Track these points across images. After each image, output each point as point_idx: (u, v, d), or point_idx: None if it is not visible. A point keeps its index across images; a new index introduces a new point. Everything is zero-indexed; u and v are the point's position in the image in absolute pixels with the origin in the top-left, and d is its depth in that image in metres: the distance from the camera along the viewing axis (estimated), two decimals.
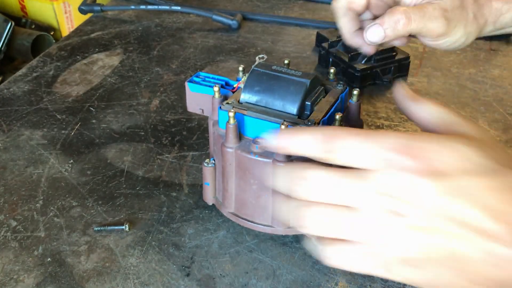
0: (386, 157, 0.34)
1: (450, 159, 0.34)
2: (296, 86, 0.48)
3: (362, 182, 0.35)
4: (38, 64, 0.87)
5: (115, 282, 0.50)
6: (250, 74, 0.50)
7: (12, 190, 0.61)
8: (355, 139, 0.36)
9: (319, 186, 0.36)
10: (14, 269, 0.51)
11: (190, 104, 0.57)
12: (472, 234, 0.33)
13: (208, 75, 0.57)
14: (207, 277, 0.51)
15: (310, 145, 0.37)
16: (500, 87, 0.82)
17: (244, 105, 0.50)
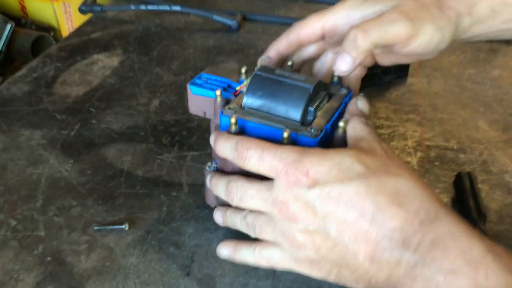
0: (280, 169, 0.41)
1: (327, 170, 0.40)
2: (299, 91, 0.47)
3: (264, 192, 0.43)
4: (38, 64, 0.87)
5: (115, 281, 0.50)
6: (252, 78, 0.49)
7: (12, 189, 0.61)
8: (257, 152, 0.43)
9: (236, 194, 0.45)
10: (14, 268, 0.51)
11: (192, 107, 0.56)
12: (350, 235, 0.40)
13: (211, 76, 0.56)
14: (207, 276, 0.51)
15: (227, 151, 0.45)
16: (500, 88, 0.82)
17: (246, 110, 0.49)
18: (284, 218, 0.42)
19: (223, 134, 0.47)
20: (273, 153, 0.42)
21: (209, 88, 0.54)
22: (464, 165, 0.66)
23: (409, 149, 0.68)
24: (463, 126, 0.73)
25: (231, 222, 0.49)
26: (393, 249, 0.38)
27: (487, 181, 0.63)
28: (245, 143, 0.44)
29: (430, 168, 0.65)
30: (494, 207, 0.60)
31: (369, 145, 0.43)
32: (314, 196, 0.40)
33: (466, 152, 0.68)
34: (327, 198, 0.40)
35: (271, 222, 0.44)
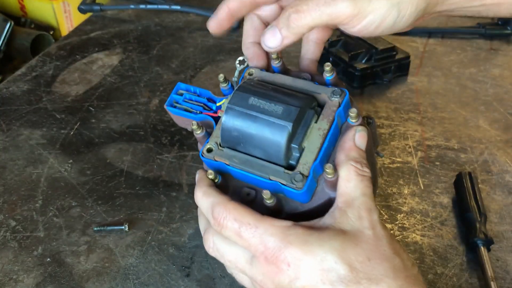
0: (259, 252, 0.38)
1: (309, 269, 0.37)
2: (277, 131, 0.41)
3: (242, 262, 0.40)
4: (37, 63, 0.87)
5: (114, 282, 0.50)
6: (225, 114, 0.43)
7: (12, 190, 0.61)
8: (233, 225, 0.39)
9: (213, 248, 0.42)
10: (13, 269, 0.51)
11: (178, 122, 0.52)
12: None
13: (189, 88, 0.51)
14: (207, 277, 0.51)
15: (204, 209, 0.42)
16: (500, 87, 0.82)
17: (225, 152, 0.44)
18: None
19: (203, 184, 0.43)
20: (252, 232, 0.39)
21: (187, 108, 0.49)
22: (464, 165, 0.65)
23: (409, 149, 0.68)
24: (463, 125, 0.73)
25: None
26: None
27: (488, 181, 0.63)
28: (222, 211, 0.40)
29: (431, 168, 0.65)
30: (494, 208, 0.59)
31: (358, 219, 0.39)
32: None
33: (466, 151, 0.68)
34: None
35: (251, 285, 0.42)
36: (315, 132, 0.43)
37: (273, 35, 0.45)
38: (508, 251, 0.55)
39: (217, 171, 0.44)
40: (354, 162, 0.41)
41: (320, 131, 0.43)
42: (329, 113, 0.44)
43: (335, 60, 0.83)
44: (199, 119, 0.48)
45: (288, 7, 0.44)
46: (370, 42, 0.82)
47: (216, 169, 0.44)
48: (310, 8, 0.43)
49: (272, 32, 0.45)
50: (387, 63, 0.81)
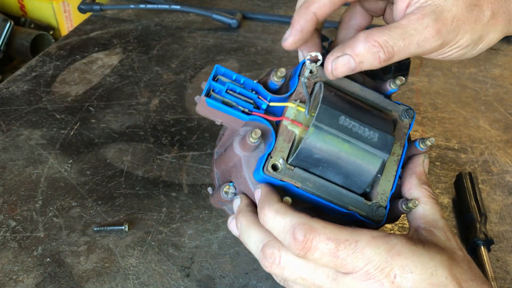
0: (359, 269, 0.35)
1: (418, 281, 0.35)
2: (371, 161, 0.38)
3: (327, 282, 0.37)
4: (37, 63, 0.87)
5: (114, 282, 0.50)
6: (313, 134, 0.38)
7: (12, 190, 0.61)
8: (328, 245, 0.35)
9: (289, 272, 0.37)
10: (13, 269, 0.51)
11: (202, 112, 0.42)
12: None
13: (231, 75, 0.42)
14: (207, 277, 0.51)
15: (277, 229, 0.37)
16: (500, 87, 0.82)
17: (296, 173, 0.39)
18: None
19: (273, 201, 0.38)
20: (352, 249, 0.35)
21: (233, 101, 0.41)
22: (465, 165, 0.65)
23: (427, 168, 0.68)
24: (464, 126, 0.73)
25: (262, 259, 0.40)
26: None
27: (488, 181, 0.63)
28: (309, 231, 0.35)
29: (431, 168, 0.65)
30: (494, 208, 0.59)
31: (447, 240, 0.38)
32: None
33: (467, 152, 0.68)
34: None
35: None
36: (390, 157, 0.40)
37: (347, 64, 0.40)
38: (508, 251, 0.55)
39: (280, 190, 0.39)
40: (427, 186, 0.41)
41: (395, 157, 0.41)
42: (401, 136, 0.42)
43: None
44: (248, 119, 0.41)
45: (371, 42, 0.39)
46: None
47: (276, 187, 0.39)
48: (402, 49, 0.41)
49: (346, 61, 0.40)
50: None
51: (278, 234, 0.37)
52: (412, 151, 0.43)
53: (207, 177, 0.63)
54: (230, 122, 0.42)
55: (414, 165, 0.43)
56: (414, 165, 0.43)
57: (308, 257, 0.36)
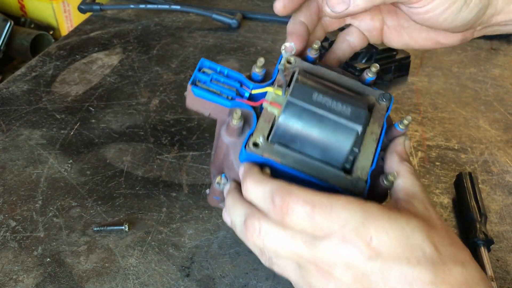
0: (335, 232, 0.35)
1: (394, 243, 0.35)
2: (345, 133, 0.39)
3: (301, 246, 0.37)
4: (37, 63, 0.87)
5: (114, 282, 0.50)
6: (285, 109, 0.40)
7: (12, 190, 0.61)
8: (304, 208, 0.36)
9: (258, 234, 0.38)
10: (13, 269, 0.51)
11: (191, 105, 0.46)
12: None
13: (215, 67, 0.45)
14: (207, 277, 0.51)
15: (258, 198, 0.38)
16: (501, 87, 0.82)
17: (276, 149, 0.40)
18: (322, 277, 0.37)
19: (253, 172, 0.39)
20: (327, 211, 0.36)
21: (217, 91, 0.44)
22: (465, 165, 0.65)
23: (410, 149, 0.68)
24: (464, 126, 0.73)
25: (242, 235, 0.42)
26: None
27: (488, 182, 0.63)
28: (286, 195, 0.36)
29: (431, 168, 0.65)
30: (494, 208, 0.59)
31: (425, 209, 0.39)
32: (373, 269, 0.35)
33: (467, 152, 0.68)
34: (386, 275, 0.35)
35: (297, 270, 0.39)
36: (368, 136, 0.42)
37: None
38: (508, 251, 0.55)
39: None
40: (407, 163, 0.42)
41: (373, 135, 0.42)
42: (379, 117, 0.43)
43: None
44: (232, 106, 0.43)
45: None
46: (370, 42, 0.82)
47: (259, 165, 0.41)
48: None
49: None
50: (387, 63, 0.81)
51: (259, 202, 0.38)
52: (393, 134, 0.44)
53: (207, 177, 0.63)
54: (217, 112, 0.44)
55: (394, 144, 0.44)
56: (395, 145, 0.44)
57: (286, 221, 0.36)
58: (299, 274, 0.39)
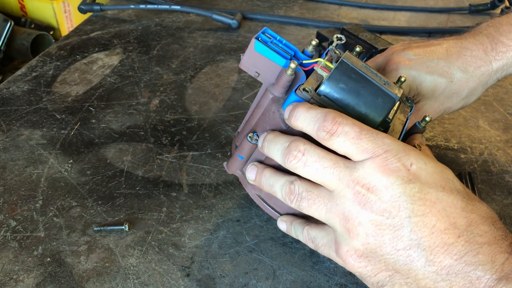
0: (378, 154, 0.38)
1: (431, 172, 0.39)
2: (385, 99, 0.43)
3: (342, 168, 0.40)
4: (37, 63, 0.87)
5: (114, 282, 0.50)
6: (338, 65, 0.44)
7: (12, 190, 0.61)
8: (353, 129, 0.39)
9: (300, 156, 0.41)
10: (13, 269, 0.51)
11: (246, 62, 0.48)
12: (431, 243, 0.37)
13: (276, 36, 0.49)
14: (207, 277, 0.51)
15: (307, 121, 0.41)
16: (500, 87, 0.82)
17: (322, 99, 0.44)
18: (357, 202, 0.39)
19: (304, 103, 0.42)
20: (373, 136, 0.39)
21: (275, 51, 0.47)
22: (464, 165, 0.66)
23: None
24: (463, 126, 0.73)
25: (268, 183, 0.46)
26: (476, 265, 0.36)
27: (488, 181, 0.63)
28: (338, 116, 0.39)
29: None
30: (494, 208, 0.59)
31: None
32: (411, 192, 0.37)
33: (466, 152, 0.68)
34: (423, 198, 0.37)
35: (330, 201, 0.41)
36: (396, 120, 0.47)
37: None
38: None
39: None
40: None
41: (400, 121, 0.47)
42: (404, 111, 0.49)
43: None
44: (285, 66, 0.47)
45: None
46: (370, 42, 0.82)
47: None
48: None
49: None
50: None
51: (310, 122, 0.41)
52: (413, 130, 0.49)
53: (207, 177, 0.63)
54: (267, 72, 0.48)
55: (412, 138, 0.48)
56: (412, 139, 0.48)
57: (334, 139, 0.39)
58: (331, 205, 0.41)
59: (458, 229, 0.37)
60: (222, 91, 0.80)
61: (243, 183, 0.52)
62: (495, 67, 0.57)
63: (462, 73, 0.57)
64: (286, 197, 0.44)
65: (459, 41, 0.58)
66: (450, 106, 0.58)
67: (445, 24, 1.03)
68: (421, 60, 0.57)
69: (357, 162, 0.39)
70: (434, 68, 0.56)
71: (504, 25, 0.57)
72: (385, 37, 0.87)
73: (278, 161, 0.43)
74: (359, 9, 1.11)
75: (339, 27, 0.92)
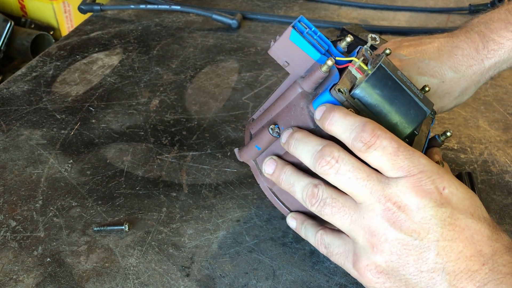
0: (413, 173, 0.38)
1: (462, 198, 0.39)
2: (417, 111, 0.43)
3: (375, 182, 0.39)
4: (37, 63, 0.87)
5: (114, 282, 0.50)
6: (376, 71, 0.43)
7: (12, 190, 0.61)
8: (391, 144, 0.38)
9: (334, 162, 0.40)
10: (13, 269, 0.51)
11: (276, 50, 0.46)
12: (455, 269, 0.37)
13: (311, 26, 0.47)
14: (207, 277, 0.51)
15: (343, 127, 0.40)
16: (500, 87, 0.82)
17: (355, 102, 0.43)
18: (386, 219, 0.39)
19: (341, 108, 0.41)
20: (410, 154, 0.39)
21: (311, 43, 0.45)
22: (464, 165, 0.66)
23: None
24: (463, 126, 0.73)
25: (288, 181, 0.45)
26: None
27: (487, 181, 0.63)
28: (378, 129, 0.39)
29: None
30: (494, 208, 0.59)
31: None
32: (442, 215, 0.38)
33: (466, 152, 0.68)
34: (453, 223, 0.38)
35: (357, 212, 0.40)
36: (421, 132, 0.47)
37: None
38: None
39: None
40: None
41: (423, 133, 0.47)
42: (427, 122, 0.49)
43: None
44: (320, 61, 0.45)
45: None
46: None
47: None
48: None
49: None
50: None
51: (345, 130, 0.40)
52: (431, 143, 0.50)
53: (207, 177, 0.63)
54: (297, 63, 0.46)
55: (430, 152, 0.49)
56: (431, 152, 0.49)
57: (370, 152, 0.39)
58: (356, 216, 0.40)
59: (483, 257, 0.37)
60: (222, 91, 0.80)
61: (255, 174, 0.51)
62: (487, 65, 0.56)
63: (453, 72, 0.56)
64: (307, 199, 0.43)
65: (450, 40, 0.58)
66: (442, 106, 0.58)
67: (445, 24, 1.03)
68: (412, 61, 0.57)
69: (391, 179, 0.39)
70: (425, 69, 0.56)
71: (495, 21, 0.56)
72: (385, 37, 0.87)
73: (307, 163, 0.42)
74: (359, 9, 1.11)
75: (339, 27, 0.92)
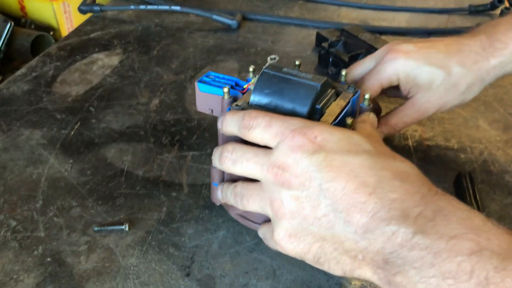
0: (286, 135, 0.41)
1: (336, 140, 0.41)
2: (307, 89, 0.47)
3: (261, 156, 0.42)
4: (37, 64, 0.87)
5: (115, 282, 0.50)
6: (260, 76, 0.49)
7: (12, 190, 0.61)
8: (264, 119, 0.43)
9: (229, 156, 0.44)
10: (14, 269, 0.51)
11: (199, 104, 0.56)
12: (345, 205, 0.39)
13: (218, 75, 0.56)
14: (207, 277, 0.51)
15: (233, 125, 0.45)
16: (500, 87, 0.82)
17: (253, 107, 0.48)
18: (277, 183, 0.41)
19: (230, 111, 0.47)
20: (281, 121, 0.42)
21: (217, 86, 0.54)
22: (464, 165, 0.66)
23: (409, 149, 0.68)
24: (463, 126, 0.73)
25: (224, 195, 0.49)
26: (390, 220, 0.37)
27: (487, 181, 0.63)
28: (253, 112, 0.44)
29: (430, 168, 0.65)
30: (494, 208, 0.60)
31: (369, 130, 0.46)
32: (316, 161, 0.39)
33: (466, 152, 0.68)
34: (329, 165, 0.39)
35: (261, 190, 0.43)
36: (334, 105, 0.49)
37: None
38: None
39: None
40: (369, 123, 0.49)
41: (339, 105, 0.49)
42: (346, 96, 0.51)
43: (335, 60, 0.84)
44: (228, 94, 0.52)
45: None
46: (370, 43, 0.82)
47: None
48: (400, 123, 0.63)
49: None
50: None
51: (235, 124, 0.45)
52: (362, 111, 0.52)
53: (207, 177, 0.63)
54: (217, 106, 0.54)
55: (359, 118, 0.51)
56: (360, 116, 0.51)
57: (251, 132, 0.43)
58: (262, 194, 0.43)
59: (368, 188, 0.38)
60: None
61: (226, 208, 0.54)
62: (493, 64, 0.58)
63: (460, 67, 0.58)
64: (234, 201, 0.47)
65: (458, 39, 0.61)
66: (447, 102, 0.59)
67: (445, 25, 1.03)
68: (420, 51, 0.59)
69: (274, 148, 0.42)
70: (433, 60, 0.58)
71: (502, 24, 0.59)
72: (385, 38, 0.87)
73: (218, 167, 0.47)
74: (359, 9, 1.11)
75: (339, 27, 0.92)
